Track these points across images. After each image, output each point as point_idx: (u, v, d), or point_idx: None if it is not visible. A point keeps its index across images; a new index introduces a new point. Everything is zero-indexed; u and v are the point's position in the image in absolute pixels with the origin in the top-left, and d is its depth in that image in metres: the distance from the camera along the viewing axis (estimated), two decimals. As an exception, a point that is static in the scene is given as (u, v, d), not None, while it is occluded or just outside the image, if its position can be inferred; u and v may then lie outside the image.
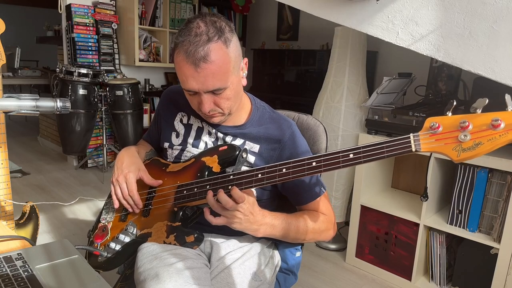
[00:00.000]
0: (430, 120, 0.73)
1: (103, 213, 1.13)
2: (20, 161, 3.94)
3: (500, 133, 0.68)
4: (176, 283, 0.86)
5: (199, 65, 0.88)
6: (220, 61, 0.89)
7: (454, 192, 1.81)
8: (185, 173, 1.04)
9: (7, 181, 1.29)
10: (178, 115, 1.15)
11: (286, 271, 1.18)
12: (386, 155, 0.76)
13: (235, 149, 1.00)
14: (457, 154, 0.71)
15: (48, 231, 2.45)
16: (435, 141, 0.73)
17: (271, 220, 0.96)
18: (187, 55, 0.88)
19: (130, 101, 3.34)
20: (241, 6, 4.34)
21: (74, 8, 3.41)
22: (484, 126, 0.69)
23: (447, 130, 0.72)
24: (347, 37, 2.21)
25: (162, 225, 1.00)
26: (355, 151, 0.79)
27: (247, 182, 0.90)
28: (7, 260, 0.73)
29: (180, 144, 1.12)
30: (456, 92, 2.18)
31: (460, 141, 0.71)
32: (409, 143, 0.74)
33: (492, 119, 0.68)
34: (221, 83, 0.92)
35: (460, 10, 1.31)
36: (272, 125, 1.07)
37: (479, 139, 0.69)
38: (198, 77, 0.90)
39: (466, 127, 0.70)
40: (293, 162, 0.86)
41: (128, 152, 1.13)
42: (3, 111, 0.81)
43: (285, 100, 3.66)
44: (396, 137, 0.76)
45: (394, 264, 2.05)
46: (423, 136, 0.74)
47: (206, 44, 0.88)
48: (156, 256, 0.94)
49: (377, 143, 0.78)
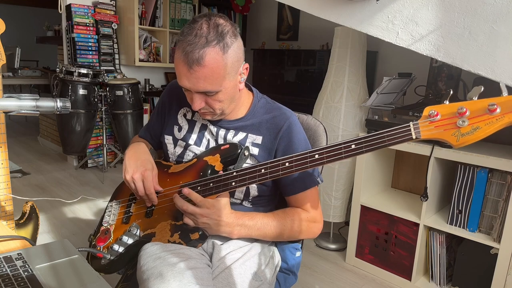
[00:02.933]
0: (428, 108, 0.76)
1: (105, 216, 1.13)
2: (20, 161, 3.94)
3: (497, 117, 0.71)
4: (180, 282, 0.87)
5: (192, 66, 0.90)
6: (214, 66, 0.90)
7: (454, 192, 1.81)
8: (188, 173, 1.05)
9: (7, 181, 1.29)
10: (182, 109, 1.15)
11: (286, 271, 1.18)
12: (387, 143, 0.78)
13: (237, 147, 1.01)
14: (456, 139, 0.73)
15: (48, 231, 2.45)
16: (434, 128, 0.75)
17: (245, 221, 0.99)
18: (184, 55, 0.90)
19: (130, 101, 3.34)
20: (241, 6, 4.34)
21: (74, 8, 3.41)
22: (481, 111, 0.72)
23: (446, 117, 0.74)
24: (347, 37, 2.21)
25: (165, 224, 1.01)
26: (357, 141, 0.81)
27: (251, 177, 0.92)
28: (7, 260, 0.73)
29: (182, 139, 1.12)
30: (456, 92, 2.18)
31: (458, 126, 0.73)
32: (409, 131, 0.77)
33: (489, 104, 0.70)
34: (212, 86, 0.93)
35: (460, 10, 1.31)
36: (271, 114, 1.08)
37: (477, 124, 0.72)
38: (190, 77, 0.92)
39: (464, 113, 0.72)
40: (296, 155, 0.87)
41: (143, 149, 1.13)
42: (3, 111, 0.81)
43: (285, 100, 3.62)
44: (396, 126, 0.78)
45: (394, 264, 2.05)
46: (422, 123, 0.76)
47: (202, 48, 0.89)
48: (160, 256, 0.94)
49: (378, 132, 0.80)
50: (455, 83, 2.17)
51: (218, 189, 0.96)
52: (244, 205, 1.08)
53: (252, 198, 1.08)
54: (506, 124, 0.71)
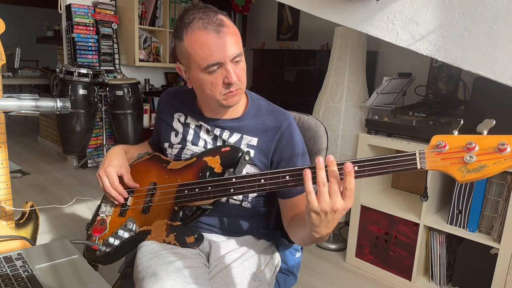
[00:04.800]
0: (437, 138, 0.74)
1: (102, 206, 1.13)
2: (20, 161, 3.94)
3: (506, 157, 0.69)
4: (174, 281, 0.86)
5: (220, 30, 0.91)
6: (233, 26, 0.95)
7: (454, 192, 1.81)
8: (187, 172, 1.04)
9: (7, 181, 1.29)
10: (176, 115, 1.15)
11: (286, 272, 1.18)
12: (390, 171, 0.76)
13: (238, 151, 1.00)
14: (462, 175, 0.72)
15: (48, 231, 2.45)
16: (440, 160, 0.73)
17: None
18: (206, 26, 0.91)
19: (130, 101, 3.34)
20: (241, 6, 4.34)
21: (74, 8, 3.41)
22: (490, 149, 0.70)
23: (454, 150, 0.72)
24: (347, 37, 2.21)
25: (162, 223, 1.00)
26: (360, 164, 0.77)
27: (249, 187, 0.90)
28: (7, 260, 0.73)
29: (179, 143, 1.12)
30: (456, 92, 2.18)
31: (465, 162, 0.71)
32: (415, 160, 0.74)
33: (499, 143, 0.69)
34: (239, 47, 0.95)
35: (460, 10, 1.31)
36: (269, 117, 1.07)
37: (485, 162, 0.70)
38: (221, 44, 0.92)
39: (473, 148, 0.70)
40: (297, 169, 0.83)
41: (115, 150, 1.14)
42: (3, 111, 0.81)
43: (285, 100, 3.66)
44: (402, 153, 0.75)
45: (394, 264, 2.05)
46: (429, 154, 0.74)
47: (216, 15, 0.93)
48: (155, 255, 0.94)
49: (383, 157, 0.77)
50: (455, 83, 2.17)
51: (216, 194, 0.95)
52: (243, 206, 1.08)
53: (251, 199, 1.07)
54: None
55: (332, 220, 0.77)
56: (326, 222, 0.77)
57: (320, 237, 0.82)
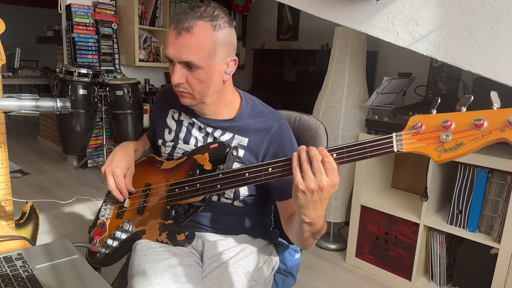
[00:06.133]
0: (413, 119, 0.71)
1: (102, 210, 1.15)
2: (20, 161, 3.94)
3: (483, 133, 0.65)
4: (161, 280, 0.87)
5: (180, 33, 0.93)
6: (201, 37, 0.93)
7: (454, 192, 1.81)
8: (178, 171, 1.05)
9: (7, 181, 1.29)
10: (170, 111, 1.16)
11: (284, 273, 1.17)
12: (368, 155, 0.74)
13: (225, 147, 1.00)
14: (438, 155, 0.68)
15: (48, 231, 2.45)
16: (417, 141, 0.70)
17: None
18: (176, 23, 0.94)
19: (130, 101, 3.34)
20: (241, 6, 4.34)
21: (74, 8, 3.41)
22: (467, 125, 0.66)
23: (430, 129, 0.69)
24: (347, 37, 2.21)
25: (155, 222, 1.02)
26: (339, 151, 0.77)
27: (234, 181, 0.91)
28: (7, 260, 0.73)
29: (172, 140, 1.13)
30: (456, 92, 2.17)
31: (442, 141, 0.68)
32: (391, 143, 0.72)
33: (475, 119, 0.65)
34: (195, 57, 0.93)
35: (460, 10, 1.31)
36: (261, 118, 1.07)
37: (461, 139, 0.66)
38: (176, 44, 0.94)
39: (449, 126, 0.67)
40: (279, 161, 0.84)
41: (124, 149, 1.14)
42: (3, 111, 0.81)
43: (285, 100, 3.66)
44: (380, 137, 0.73)
45: (394, 264, 2.05)
46: (405, 135, 0.71)
47: (195, 19, 0.93)
48: (146, 253, 0.96)
49: (360, 142, 0.75)
50: (455, 83, 2.17)
51: (205, 190, 0.96)
52: (235, 204, 1.08)
53: (243, 197, 1.07)
54: (493, 141, 0.64)
55: (319, 200, 0.78)
56: (313, 202, 0.78)
57: (311, 222, 0.82)
